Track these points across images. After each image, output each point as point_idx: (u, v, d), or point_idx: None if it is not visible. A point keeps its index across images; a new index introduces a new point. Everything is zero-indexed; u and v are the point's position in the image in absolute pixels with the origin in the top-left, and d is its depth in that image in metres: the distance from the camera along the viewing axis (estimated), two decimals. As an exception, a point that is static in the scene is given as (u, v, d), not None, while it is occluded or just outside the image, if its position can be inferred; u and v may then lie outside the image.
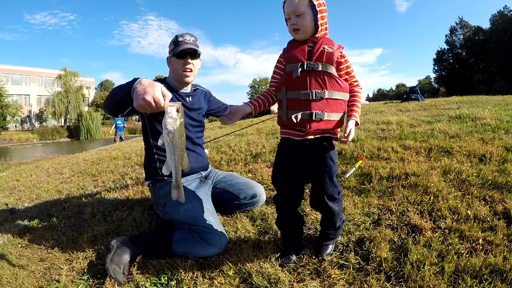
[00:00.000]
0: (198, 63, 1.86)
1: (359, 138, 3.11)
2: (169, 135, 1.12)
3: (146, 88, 1.15)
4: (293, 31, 1.30)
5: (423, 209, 1.70)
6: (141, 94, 1.15)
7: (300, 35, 1.29)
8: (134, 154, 4.50)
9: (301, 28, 1.27)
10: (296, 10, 1.25)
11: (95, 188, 3.16)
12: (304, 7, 1.24)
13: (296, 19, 1.26)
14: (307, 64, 1.26)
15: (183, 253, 1.54)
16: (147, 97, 1.13)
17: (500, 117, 3.57)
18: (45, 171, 4.95)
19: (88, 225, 2.12)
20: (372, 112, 5.86)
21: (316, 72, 1.26)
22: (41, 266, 1.66)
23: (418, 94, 9.34)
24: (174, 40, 1.76)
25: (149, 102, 1.12)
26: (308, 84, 1.26)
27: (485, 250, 1.34)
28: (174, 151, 1.16)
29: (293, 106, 1.29)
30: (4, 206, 3.02)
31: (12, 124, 35.13)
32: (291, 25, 1.28)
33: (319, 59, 1.26)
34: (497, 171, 2.02)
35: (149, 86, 1.16)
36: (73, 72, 39.07)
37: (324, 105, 1.27)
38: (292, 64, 1.29)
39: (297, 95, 1.28)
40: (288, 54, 1.33)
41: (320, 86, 1.27)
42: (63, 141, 32.43)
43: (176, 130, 1.12)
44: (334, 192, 1.38)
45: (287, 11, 1.28)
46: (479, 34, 36.85)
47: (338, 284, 1.26)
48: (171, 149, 1.16)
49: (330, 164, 1.35)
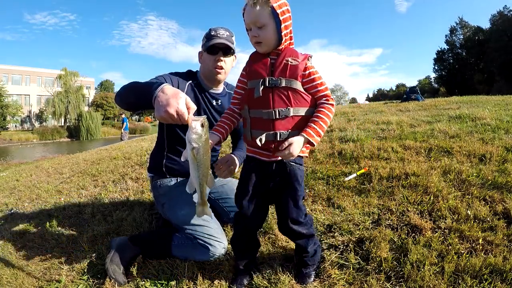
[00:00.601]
0: (231, 61, 1.72)
1: (359, 138, 3.11)
2: (193, 151, 1.05)
3: (170, 99, 1.06)
4: (255, 44, 1.18)
5: (423, 209, 1.70)
6: (163, 105, 1.06)
7: (263, 48, 1.18)
8: (134, 154, 4.50)
9: (264, 42, 1.16)
10: (256, 21, 1.12)
11: (95, 188, 3.16)
12: (266, 18, 1.12)
13: (257, 31, 1.14)
14: (269, 80, 1.16)
15: (182, 257, 1.53)
16: (170, 110, 1.05)
17: (500, 117, 3.57)
18: (45, 171, 4.95)
19: (88, 225, 2.12)
20: (372, 112, 5.86)
21: (279, 88, 1.16)
22: (41, 266, 1.66)
23: (418, 94, 9.36)
24: (207, 33, 1.64)
25: (172, 115, 1.05)
26: (271, 102, 1.16)
27: (485, 250, 1.34)
28: (198, 168, 1.08)
29: (257, 126, 1.20)
30: (4, 206, 3.02)
31: (12, 124, 35.14)
32: (253, 37, 1.16)
33: (282, 73, 1.16)
34: (497, 171, 2.02)
35: (172, 97, 1.07)
36: (73, 72, 39.07)
37: (289, 123, 1.16)
38: (253, 80, 1.20)
39: (260, 114, 1.18)
40: (249, 69, 1.23)
41: (285, 103, 1.16)
42: (63, 141, 32.41)
43: (201, 147, 1.05)
44: (298, 216, 1.28)
45: (247, 21, 1.16)
46: (479, 34, 36.88)
47: (338, 284, 1.26)
48: (195, 166, 1.08)
49: (296, 187, 1.25)
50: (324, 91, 1.19)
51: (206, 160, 1.09)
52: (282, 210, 1.29)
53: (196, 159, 1.06)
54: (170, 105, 1.05)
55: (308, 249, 1.32)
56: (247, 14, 1.15)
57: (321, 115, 1.16)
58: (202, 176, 1.10)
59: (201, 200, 1.18)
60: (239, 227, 1.36)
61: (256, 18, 1.12)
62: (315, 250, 1.36)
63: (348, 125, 4.09)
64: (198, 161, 1.07)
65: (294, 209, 1.26)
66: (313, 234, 1.34)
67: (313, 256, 1.35)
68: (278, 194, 1.28)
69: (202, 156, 1.06)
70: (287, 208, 1.26)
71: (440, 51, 40.59)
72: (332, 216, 1.77)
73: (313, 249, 1.34)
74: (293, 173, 1.24)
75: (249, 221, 1.31)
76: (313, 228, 1.35)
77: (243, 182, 1.30)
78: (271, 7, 1.11)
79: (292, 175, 1.24)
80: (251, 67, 1.22)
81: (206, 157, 1.08)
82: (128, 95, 1.35)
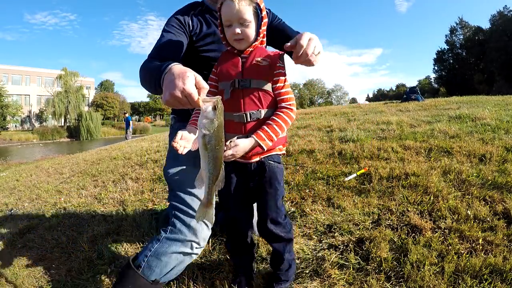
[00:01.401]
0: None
1: (359, 138, 3.11)
2: (204, 138, 0.91)
3: (175, 80, 0.91)
4: (236, 41, 1.11)
5: (423, 209, 1.70)
6: (168, 88, 0.92)
7: (243, 45, 1.13)
8: (134, 154, 4.50)
9: (246, 38, 1.10)
10: (240, 17, 1.07)
11: (95, 188, 3.16)
12: (251, 15, 1.08)
13: (240, 28, 1.08)
14: (239, 82, 1.11)
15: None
16: (175, 93, 0.89)
17: (500, 117, 3.57)
18: (45, 171, 4.95)
19: (88, 225, 2.12)
20: (372, 112, 5.86)
21: (249, 90, 1.11)
22: (41, 266, 1.66)
23: (418, 94, 9.35)
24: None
25: (178, 98, 0.90)
26: (242, 105, 1.11)
27: (485, 250, 1.34)
28: (209, 160, 0.95)
29: (229, 129, 1.12)
30: (4, 206, 3.02)
31: (12, 124, 35.16)
32: (233, 34, 1.09)
33: (252, 74, 1.11)
34: (497, 171, 2.02)
35: (178, 78, 0.91)
36: (73, 72, 39.10)
37: (261, 125, 1.11)
38: (223, 82, 1.15)
39: (231, 117, 1.12)
40: (220, 69, 1.17)
41: (256, 105, 1.11)
42: (63, 141, 32.42)
43: (213, 134, 0.91)
44: (278, 216, 1.25)
45: (228, 16, 1.08)
46: (479, 34, 36.89)
47: (338, 284, 1.26)
48: (206, 157, 0.95)
49: (276, 186, 1.22)
50: (286, 94, 1.14)
51: (218, 151, 0.94)
52: (261, 210, 1.26)
53: (208, 149, 0.92)
54: (175, 86, 0.90)
55: (284, 256, 1.27)
56: (229, 9, 1.07)
57: (278, 119, 1.11)
58: (213, 170, 0.96)
59: (207, 200, 1.02)
60: (230, 230, 1.34)
61: (242, 14, 1.06)
62: (290, 263, 1.30)
63: (348, 125, 4.09)
64: (209, 152, 0.93)
65: (274, 209, 1.24)
66: (291, 239, 1.30)
67: (287, 270, 1.30)
68: (259, 193, 1.25)
69: (214, 146, 0.92)
70: (266, 208, 1.24)
71: (440, 51, 40.62)
72: (332, 216, 1.77)
73: (288, 260, 1.29)
74: (272, 171, 1.20)
75: (238, 222, 1.30)
76: (292, 233, 1.31)
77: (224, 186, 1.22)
78: (257, 4, 1.08)
79: (271, 174, 1.20)
80: (221, 67, 1.17)
81: (219, 147, 0.94)
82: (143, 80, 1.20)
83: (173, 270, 1.18)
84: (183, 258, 1.18)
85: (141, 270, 1.14)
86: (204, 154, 0.94)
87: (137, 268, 1.15)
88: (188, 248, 1.18)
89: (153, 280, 1.14)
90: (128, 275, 1.16)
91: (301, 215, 1.85)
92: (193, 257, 1.22)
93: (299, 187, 2.20)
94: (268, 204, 1.23)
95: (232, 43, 1.14)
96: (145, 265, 1.14)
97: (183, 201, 1.25)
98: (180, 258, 1.18)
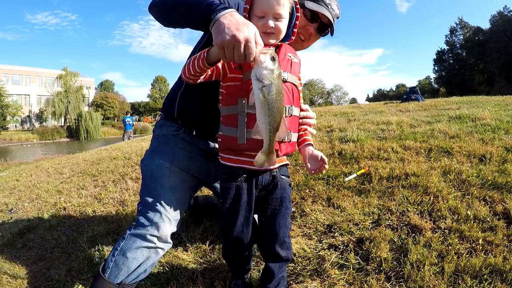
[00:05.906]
0: None
1: (359, 138, 3.11)
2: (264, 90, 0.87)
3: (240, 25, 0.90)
4: (266, 34, 1.06)
5: (423, 209, 1.70)
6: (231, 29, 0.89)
7: (272, 40, 1.08)
8: (134, 154, 4.49)
9: (276, 33, 1.07)
10: (278, 12, 1.04)
11: (95, 188, 3.16)
12: (287, 12, 1.06)
13: (274, 22, 1.05)
14: None
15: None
16: (239, 35, 0.88)
17: (500, 117, 3.57)
18: (45, 171, 4.95)
19: (88, 225, 2.12)
20: (372, 112, 5.86)
21: (285, 83, 1.06)
22: (41, 266, 1.66)
23: (418, 94, 9.36)
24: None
25: (239, 41, 0.88)
26: None
27: (485, 250, 1.34)
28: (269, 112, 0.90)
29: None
30: (4, 206, 3.02)
31: (12, 124, 35.19)
32: (266, 27, 1.05)
33: (286, 68, 1.08)
34: (497, 171, 2.02)
35: (244, 25, 0.91)
36: (73, 72, 39.13)
37: (290, 123, 1.06)
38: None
39: None
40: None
41: (289, 101, 1.06)
42: (63, 141, 32.42)
43: (274, 84, 0.88)
44: (285, 236, 1.18)
45: (265, 7, 1.04)
46: (479, 34, 36.93)
47: (338, 284, 1.26)
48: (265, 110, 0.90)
49: (287, 204, 1.16)
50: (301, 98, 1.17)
51: (279, 102, 0.90)
52: (269, 228, 1.17)
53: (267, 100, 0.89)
54: (240, 30, 0.89)
55: (275, 275, 1.19)
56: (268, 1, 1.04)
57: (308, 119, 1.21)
58: (273, 121, 0.91)
59: (267, 149, 0.96)
60: (232, 244, 1.21)
61: (279, 9, 1.04)
62: (279, 281, 1.21)
63: (348, 125, 4.09)
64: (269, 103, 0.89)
65: (283, 228, 1.17)
66: (288, 260, 1.23)
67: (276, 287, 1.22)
68: (264, 210, 1.17)
69: (274, 96, 0.89)
70: (275, 226, 1.16)
71: (440, 52, 40.68)
72: (332, 216, 1.77)
73: (278, 277, 1.21)
74: (283, 188, 1.14)
75: (242, 242, 1.18)
76: (290, 251, 1.23)
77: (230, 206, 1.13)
78: (294, 2, 1.08)
79: (283, 192, 1.14)
80: None
81: (279, 98, 0.90)
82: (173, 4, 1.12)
83: (140, 268, 1.17)
84: (148, 253, 1.17)
85: (108, 272, 1.14)
86: (264, 106, 0.90)
87: (104, 272, 1.14)
88: (150, 243, 1.16)
89: (119, 282, 1.13)
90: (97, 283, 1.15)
91: (301, 215, 1.85)
92: (159, 252, 1.19)
93: (299, 187, 2.20)
94: (278, 222, 1.16)
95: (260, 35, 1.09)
96: (112, 265, 1.14)
97: (150, 194, 1.24)
98: (146, 253, 1.16)
